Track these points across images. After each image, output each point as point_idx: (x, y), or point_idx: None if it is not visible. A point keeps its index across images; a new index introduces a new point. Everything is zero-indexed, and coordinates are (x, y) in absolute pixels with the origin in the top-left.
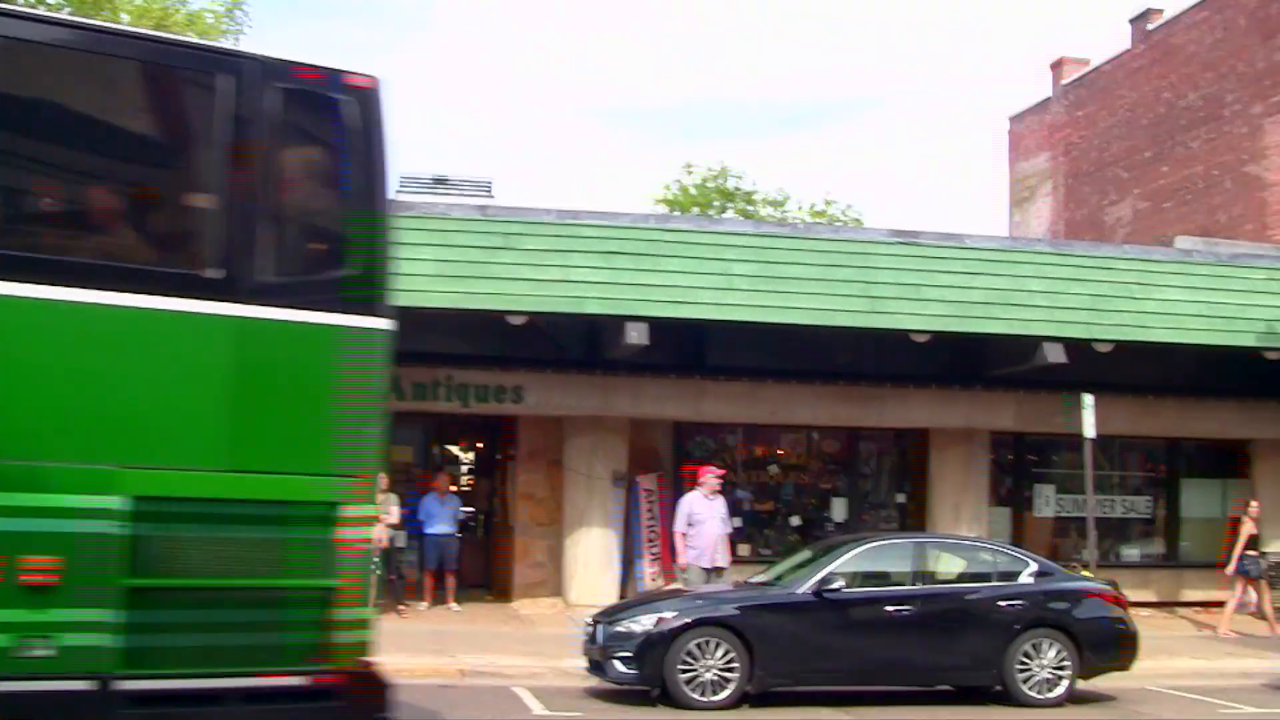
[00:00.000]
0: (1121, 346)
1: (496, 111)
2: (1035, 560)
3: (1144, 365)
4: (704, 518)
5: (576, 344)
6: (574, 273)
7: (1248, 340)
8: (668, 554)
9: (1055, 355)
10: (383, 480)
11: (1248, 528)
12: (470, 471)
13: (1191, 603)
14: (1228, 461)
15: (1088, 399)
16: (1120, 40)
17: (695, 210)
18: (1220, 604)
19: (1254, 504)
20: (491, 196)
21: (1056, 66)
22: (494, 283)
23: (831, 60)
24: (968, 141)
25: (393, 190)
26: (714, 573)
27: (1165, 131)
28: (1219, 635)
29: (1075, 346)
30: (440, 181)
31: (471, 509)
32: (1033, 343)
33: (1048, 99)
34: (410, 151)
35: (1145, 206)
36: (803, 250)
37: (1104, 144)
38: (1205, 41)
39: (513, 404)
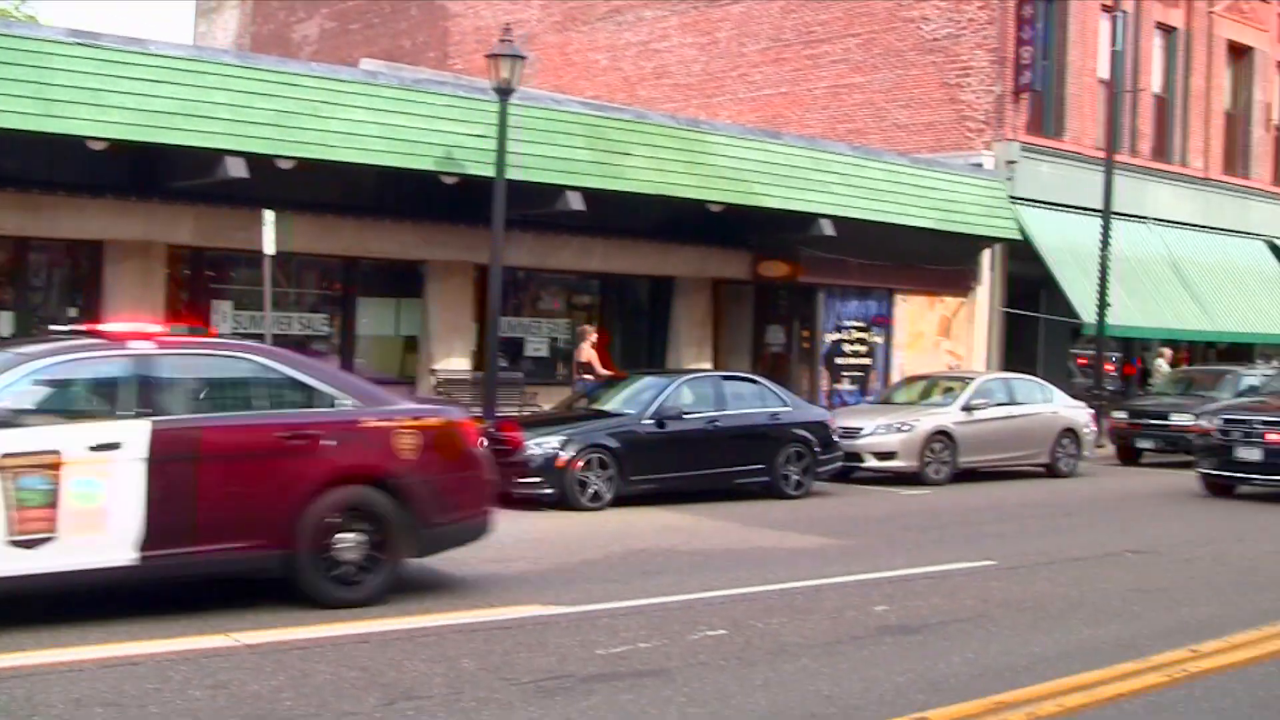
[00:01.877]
0: (304, 164)
1: None
2: None
3: (326, 184)
4: None
5: None
6: None
7: (427, 164)
8: None
9: (237, 170)
10: None
11: (586, 354)
12: None
13: None
14: (403, 281)
15: (268, 215)
16: None
17: None
18: None
19: (589, 328)
20: None
21: None
22: None
23: None
24: None
25: None
26: None
27: None
28: None
29: (258, 162)
30: None
31: None
32: (215, 156)
33: None
34: None
35: (333, 27)
36: None
37: None
38: None
39: None
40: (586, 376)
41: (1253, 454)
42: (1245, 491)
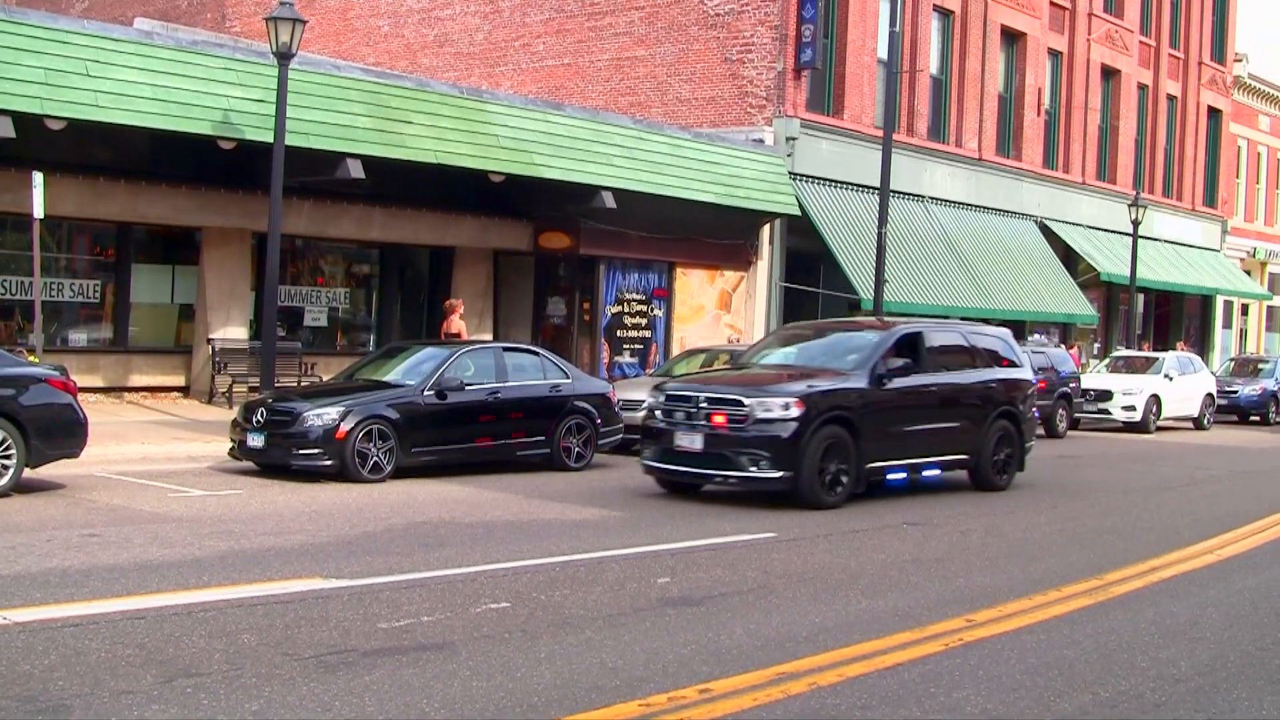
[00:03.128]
0: (75, 125)
1: None
2: None
3: (98, 146)
4: None
5: None
6: None
7: (203, 128)
8: None
9: (3, 129)
10: None
11: (456, 325)
12: None
13: (140, 388)
14: (178, 248)
15: (37, 177)
16: None
17: None
18: (170, 389)
19: (456, 301)
20: None
21: None
22: None
23: None
24: None
25: None
26: None
27: None
28: None
29: (26, 121)
30: None
31: None
32: None
33: None
34: None
35: None
36: None
37: None
38: None
39: None
40: None
41: (694, 441)
42: (717, 489)
